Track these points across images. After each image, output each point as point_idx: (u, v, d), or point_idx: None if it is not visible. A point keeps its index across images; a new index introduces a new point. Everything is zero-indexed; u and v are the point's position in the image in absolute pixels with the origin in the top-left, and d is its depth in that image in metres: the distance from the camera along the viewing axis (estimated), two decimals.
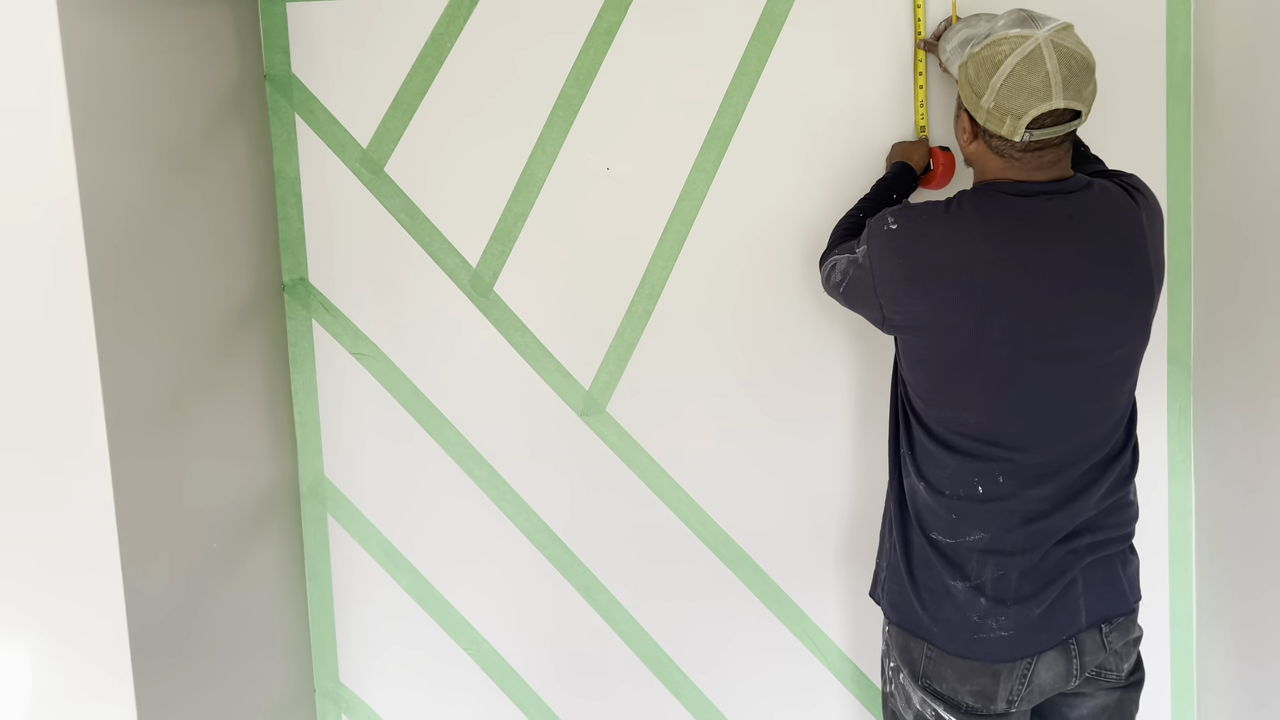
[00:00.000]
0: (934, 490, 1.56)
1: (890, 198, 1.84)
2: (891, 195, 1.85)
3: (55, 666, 1.44)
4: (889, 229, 1.54)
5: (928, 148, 1.93)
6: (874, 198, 1.84)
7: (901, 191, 1.87)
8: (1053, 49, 1.43)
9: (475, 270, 2.05)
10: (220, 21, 1.85)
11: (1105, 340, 1.50)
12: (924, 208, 1.54)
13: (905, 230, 1.53)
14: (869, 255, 1.57)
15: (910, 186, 1.89)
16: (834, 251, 1.72)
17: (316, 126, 2.02)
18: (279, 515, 2.02)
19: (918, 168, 1.90)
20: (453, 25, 1.99)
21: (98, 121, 1.42)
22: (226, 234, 1.84)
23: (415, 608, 2.13)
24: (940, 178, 1.92)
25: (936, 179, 1.92)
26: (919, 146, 1.92)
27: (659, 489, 2.08)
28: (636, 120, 2.01)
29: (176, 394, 1.62)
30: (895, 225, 1.54)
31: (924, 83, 1.95)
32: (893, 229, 1.54)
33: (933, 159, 1.92)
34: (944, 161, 1.91)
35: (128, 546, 1.43)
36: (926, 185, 1.94)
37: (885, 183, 1.87)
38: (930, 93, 1.95)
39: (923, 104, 1.96)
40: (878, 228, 1.56)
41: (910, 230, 1.52)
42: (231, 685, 1.78)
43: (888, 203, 1.83)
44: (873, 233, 1.57)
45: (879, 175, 1.94)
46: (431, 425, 2.08)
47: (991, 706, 1.54)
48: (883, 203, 1.83)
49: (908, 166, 1.88)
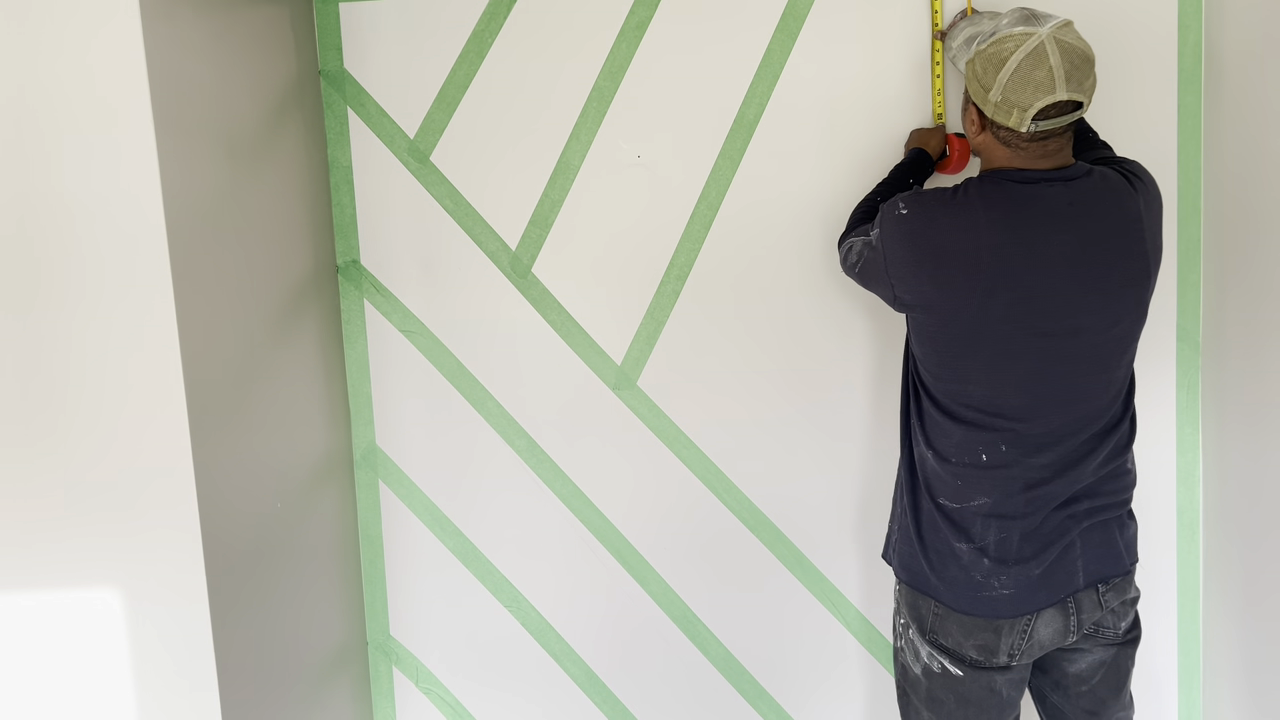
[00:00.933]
0: (941, 458, 1.65)
1: (906, 182, 1.91)
2: (908, 180, 1.91)
3: (142, 609, 1.57)
4: (900, 214, 1.62)
5: (944, 134, 1.99)
6: (891, 182, 1.91)
7: (917, 176, 1.93)
8: (1055, 45, 1.51)
9: (514, 253, 2.15)
10: (279, 22, 1.95)
11: (1103, 319, 1.57)
12: (933, 194, 1.62)
13: (915, 215, 1.61)
14: (881, 238, 1.65)
15: (926, 171, 1.95)
16: (851, 234, 1.80)
17: (367, 119, 2.12)
18: (334, 480, 2.13)
19: (934, 154, 1.96)
20: (493, 22, 2.08)
21: (176, 116, 1.53)
22: (286, 219, 1.94)
23: (460, 567, 2.23)
24: (956, 163, 1.98)
25: (952, 164, 1.98)
26: (936, 133, 1.99)
27: (687, 458, 2.17)
28: (666, 110, 2.08)
29: (244, 367, 1.74)
30: (905, 210, 1.62)
31: (941, 72, 2.01)
32: (903, 214, 1.62)
33: (949, 145, 1.98)
34: (959, 147, 1.97)
35: (205, 504, 1.55)
36: (943, 170, 2.00)
37: (902, 168, 1.93)
38: (947, 81, 2.01)
39: (940, 92, 2.02)
40: (890, 212, 1.64)
41: (919, 215, 1.60)
42: (293, 636, 1.89)
43: (903, 187, 1.89)
44: (885, 217, 1.65)
45: (897, 161, 2.00)
46: (474, 397, 2.19)
47: (994, 659, 1.63)
48: (899, 187, 1.89)
49: (924, 152, 1.95)
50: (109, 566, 1.56)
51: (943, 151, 1.99)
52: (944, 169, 2.00)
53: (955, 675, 1.65)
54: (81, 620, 1.57)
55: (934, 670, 1.68)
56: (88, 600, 1.57)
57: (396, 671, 2.28)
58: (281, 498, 1.88)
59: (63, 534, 1.55)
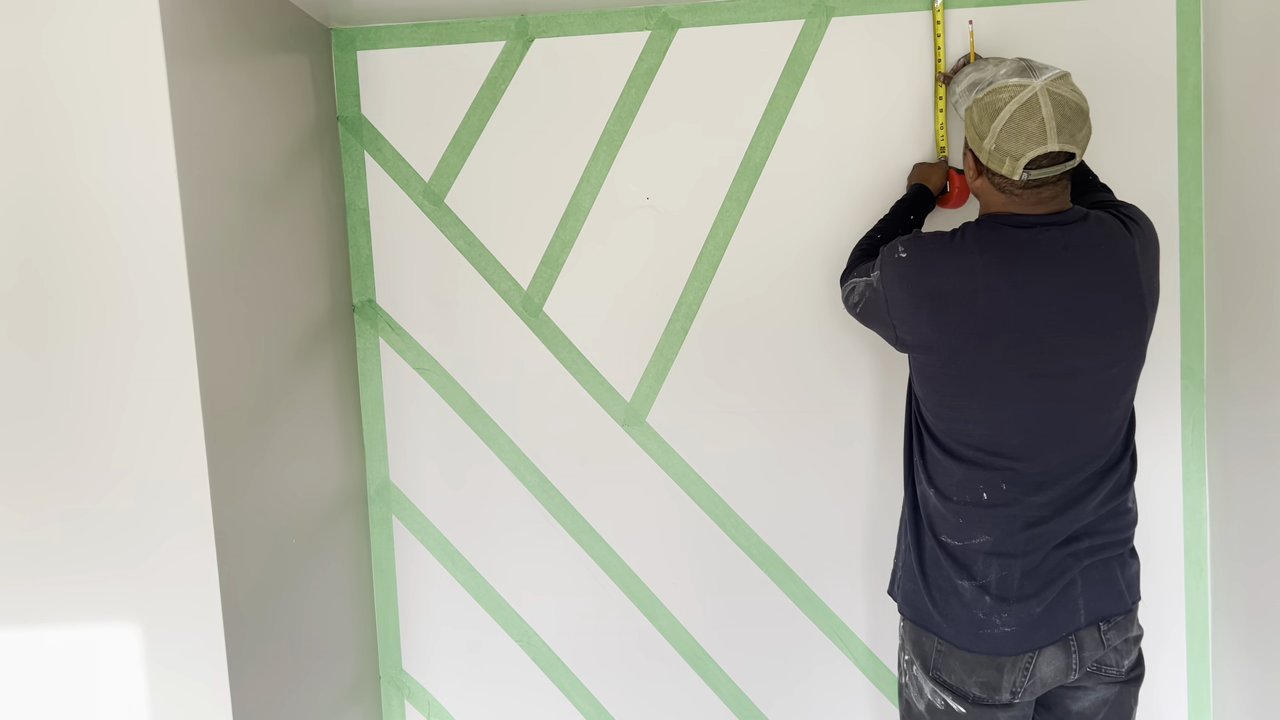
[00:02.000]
0: (943, 496, 1.67)
1: (907, 219, 1.94)
2: (909, 216, 1.94)
3: (157, 643, 1.59)
4: (899, 257, 1.65)
5: (946, 169, 2.02)
6: (892, 219, 1.94)
7: (918, 212, 1.96)
8: (1048, 97, 1.54)
9: (526, 292, 2.19)
10: (299, 69, 2.00)
11: (1100, 360, 1.59)
12: (931, 238, 1.65)
13: (913, 259, 1.64)
14: (881, 280, 1.69)
15: (927, 207, 1.98)
16: (852, 274, 1.83)
17: (384, 162, 2.18)
18: (349, 515, 2.16)
19: (935, 189, 1.99)
20: (506, 69, 2.14)
21: (198, 159, 1.57)
22: (304, 260, 1.98)
23: (471, 602, 2.26)
24: (957, 198, 2.01)
25: (953, 199, 2.01)
26: (938, 168, 2.02)
27: (695, 494, 2.20)
28: (674, 153, 2.13)
29: (261, 403, 1.77)
30: (904, 254, 1.65)
31: (944, 106, 2.05)
32: (902, 257, 1.65)
33: (950, 181, 2.01)
34: (960, 183, 2.00)
35: (222, 540, 1.58)
36: (944, 205, 2.03)
37: (903, 205, 1.96)
38: (950, 115, 2.06)
39: (943, 126, 2.06)
40: (890, 255, 1.67)
41: (918, 259, 1.64)
42: (308, 670, 1.91)
43: (904, 224, 1.93)
44: (885, 260, 1.68)
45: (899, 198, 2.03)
46: (486, 434, 2.22)
47: (996, 696, 1.63)
48: (899, 224, 1.92)
49: (924, 189, 1.98)
50: (125, 601, 1.58)
51: (944, 187, 2.02)
52: (945, 204, 2.03)
53: (958, 712, 1.66)
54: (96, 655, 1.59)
55: (937, 707, 1.68)
56: (102, 635, 1.59)
57: (409, 705, 2.30)
58: (296, 533, 1.90)
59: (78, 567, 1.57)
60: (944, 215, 2.06)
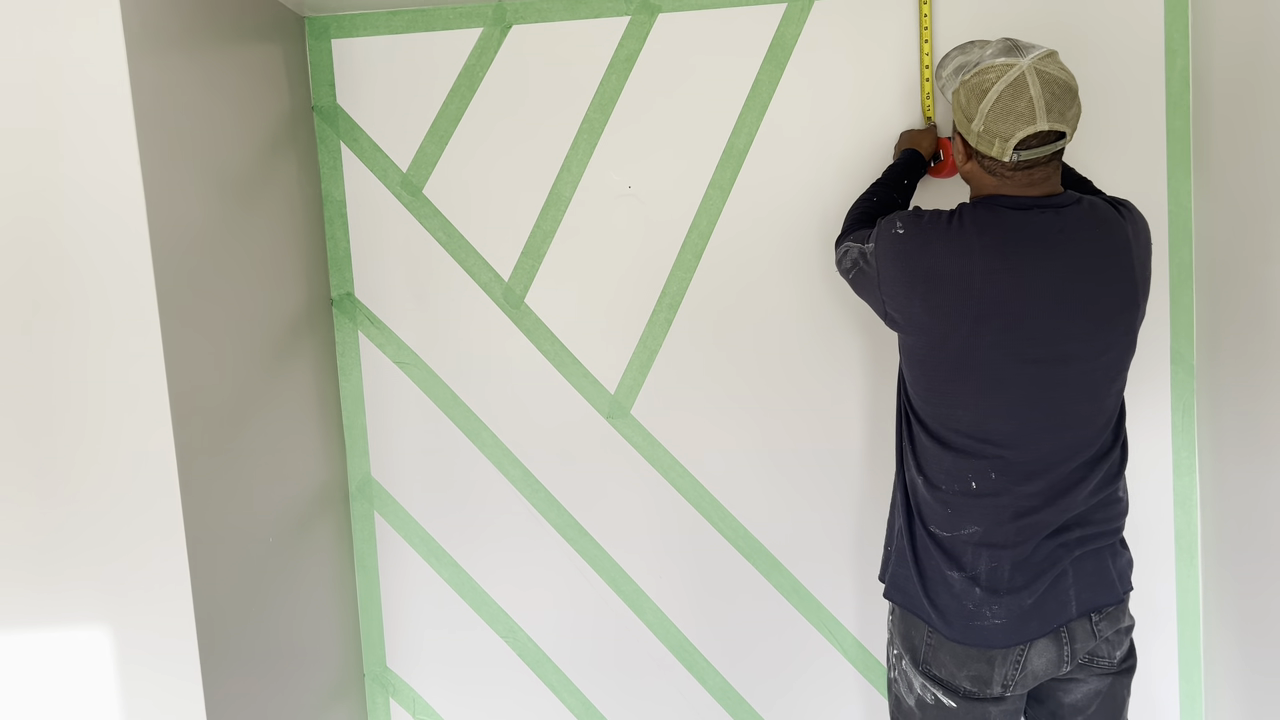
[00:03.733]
0: (931, 485, 1.64)
1: (901, 183, 1.91)
2: (903, 181, 1.91)
3: (128, 647, 1.56)
4: (896, 233, 1.62)
5: (935, 135, 1.99)
6: (886, 183, 1.91)
7: (911, 177, 1.93)
8: (1036, 75, 1.52)
9: (507, 284, 2.16)
10: (272, 57, 1.97)
11: (1092, 346, 1.57)
12: (930, 218, 1.62)
13: (910, 237, 1.61)
14: (876, 254, 1.65)
15: (919, 172, 1.95)
16: (847, 238, 1.79)
17: (360, 153, 2.14)
18: (330, 512, 2.14)
19: (926, 154, 1.96)
20: (484, 57, 2.10)
21: (163, 152, 1.53)
22: (280, 253, 1.95)
23: (455, 598, 2.23)
24: (950, 167, 1.98)
25: (947, 168, 1.98)
26: (927, 134, 1.98)
27: (681, 486, 2.18)
28: (656, 141, 2.10)
29: (236, 401, 1.74)
30: (902, 231, 1.62)
31: (930, 64, 2.01)
32: (899, 234, 1.62)
33: (942, 150, 1.98)
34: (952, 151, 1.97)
35: (194, 537, 1.55)
36: (936, 174, 2.00)
37: (896, 169, 1.93)
38: (937, 96, 2.02)
39: (929, 96, 2.02)
40: (886, 231, 1.64)
41: (915, 238, 1.60)
42: (288, 668, 1.89)
43: (899, 188, 1.90)
44: (881, 234, 1.65)
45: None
46: (468, 428, 2.20)
47: (987, 690, 1.62)
48: (894, 188, 1.89)
49: (917, 153, 1.95)
50: (94, 603, 1.55)
51: (935, 154, 1.99)
52: (937, 173, 2.00)
53: (949, 707, 1.64)
54: (66, 658, 1.56)
55: (927, 702, 1.67)
56: (72, 638, 1.56)
57: (393, 703, 2.28)
58: (275, 530, 1.88)
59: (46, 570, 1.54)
60: (936, 185, 2.03)
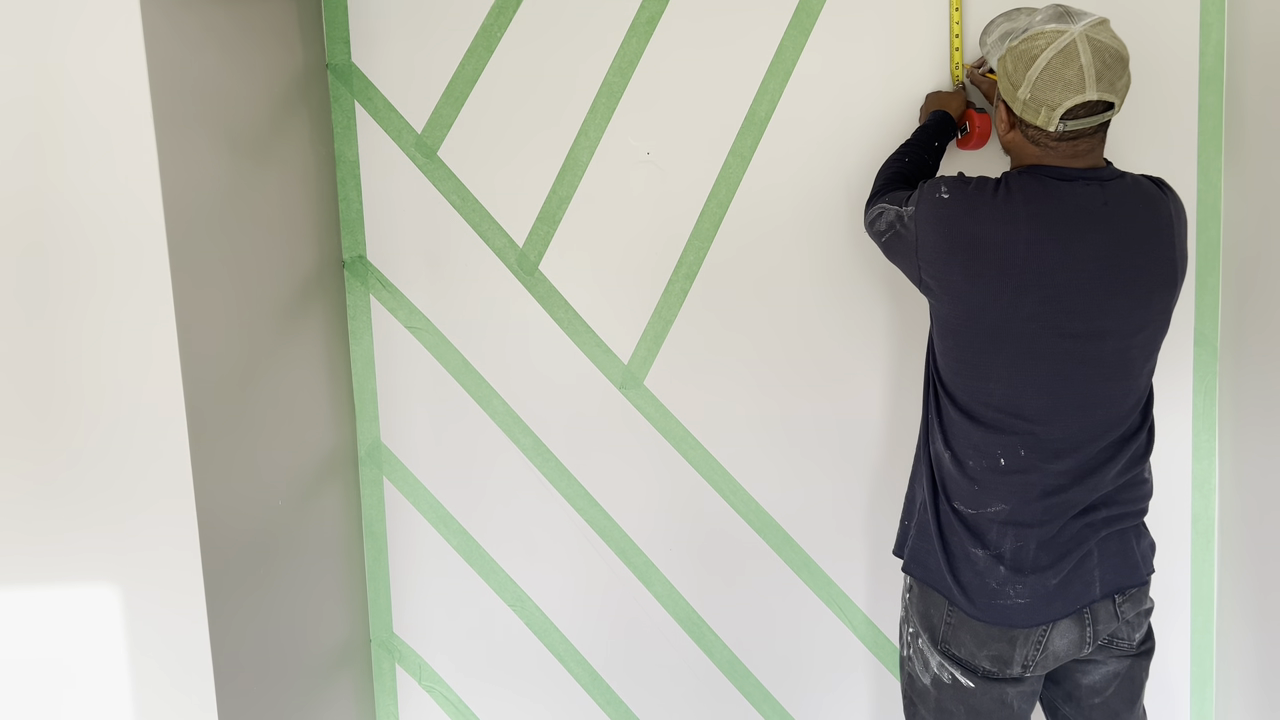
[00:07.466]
0: (958, 461, 1.62)
1: (932, 145, 1.87)
2: (934, 143, 1.87)
3: (138, 605, 1.55)
4: (940, 197, 1.58)
5: (964, 99, 1.94)
6: (916, 143, 1.87)
7: (942, 139, 1.89)
8: (1087, 43, 1.48)
9: (521, 250, 2.13)
10: (285, 14, 1.93)
11: (1129, 323, 1.55)
12: (976, 184, 1.58)
13: (956, 203, 1.57)
14: (915, 218, 1.61)
15: (949, 134, 1.91)
16: (881, 198, 1.75)
17: (375, 113, 2.10)
18: (339, 477, 2.12)
19: (955, 115, 1.92)
20: (502, 17, 2.06)
21: (176, 110, 1.50)
22: (291, 214, 1.92)
23: (463, 565, 2.22)
24: (976, 140, 1.93)
25: (973, 140, 1.93)
26: (956, 97, 1.94)
27: (693, 459, 2.16)
28: (676, 107, 2.06)
29: (247, 362, 1.72)
30: (947, 195, 1.58)
31: (960, 30, 1.96)
32: (944, 198, 1.58)
33: (969, 120, 1.93)
34: (979, 124, 1.92)
35: (203, 500, 1.54)
36: (963, 146, 1.95)
37: (927, 130, 1.88)
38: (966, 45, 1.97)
39: (959, 67, 1.97)
40: (930, 194, 1.60)
41: (961, 204, 1.57)
42: (295, 632, 1.88)
43: (929, 150, 1.86)
44: (924, 198, 1.61)
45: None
46: (480, 395, 2.17)
47: (1007, 671, 1.60)
48: (925, 149, 1.85)
49: (947, 115, 1.90)
50: (105, 563, 1.54)
51: (962, 125, 1.94)
52: (964, 145, 1.96)
53: (966, 687, 1.62)
54: (76, 617, 1.56)
55: (944, 681, 1.65)
56: (83, 596, 1.55)
57: (399, 669, 2.27)
58: (284, 494, 1.87)
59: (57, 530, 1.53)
60: (962, 157, 1.99)
